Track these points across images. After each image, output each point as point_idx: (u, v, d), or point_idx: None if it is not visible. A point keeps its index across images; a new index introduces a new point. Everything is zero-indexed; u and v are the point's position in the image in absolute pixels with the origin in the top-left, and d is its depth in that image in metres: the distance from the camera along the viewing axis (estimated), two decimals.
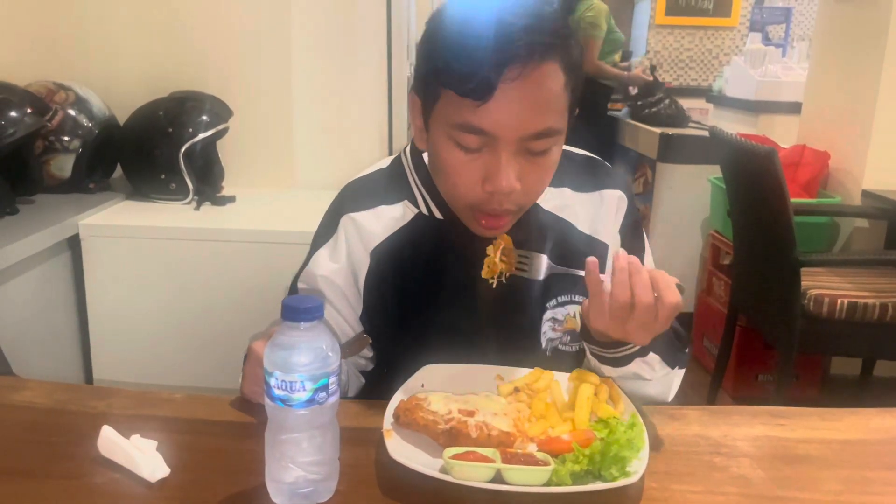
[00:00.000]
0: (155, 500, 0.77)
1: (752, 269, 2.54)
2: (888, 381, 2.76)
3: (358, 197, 1.09)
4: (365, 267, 1.05)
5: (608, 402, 0.92)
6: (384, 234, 1.05)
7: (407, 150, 1.11)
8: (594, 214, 1.10)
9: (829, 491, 0.81)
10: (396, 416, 0.87)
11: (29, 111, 1.91)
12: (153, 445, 0.82)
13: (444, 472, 0.78)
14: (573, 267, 0.92)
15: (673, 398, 1.06)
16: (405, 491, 0.78)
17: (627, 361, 0.94)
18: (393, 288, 1.05)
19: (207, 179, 2.20)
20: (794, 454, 0.89)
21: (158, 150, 2.06)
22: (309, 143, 2.37)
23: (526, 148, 0.91)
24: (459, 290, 1.05)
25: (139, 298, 1.93)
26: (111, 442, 0.82)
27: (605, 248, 1.09)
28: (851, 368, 2.81)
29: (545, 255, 0.96)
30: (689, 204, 3.47)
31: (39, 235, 1.77)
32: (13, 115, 1.87)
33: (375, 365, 1.10)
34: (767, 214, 2.26)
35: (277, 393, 0.72)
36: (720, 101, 4.56)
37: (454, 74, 0.88)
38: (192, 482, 0.80)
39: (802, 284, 2.22)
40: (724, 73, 4.63)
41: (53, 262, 1.88)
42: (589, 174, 1.12)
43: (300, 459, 0.74)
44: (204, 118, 2.09)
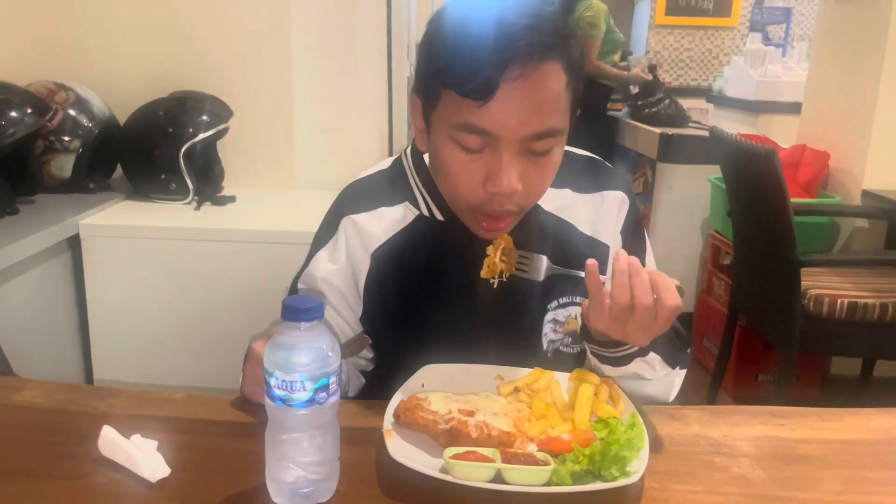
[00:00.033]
0: (155, 499, 0.77)
1: (752, 269, 2.54)
2: (888, 381, 2.76)
3: (358, 198, 1.08)
4: (365, 268, 1.05)
5: (608, 402, 0.92)
6: (385, 235, 1.05)
7: (408, 151, 1.10)
8: (595, 215, 1.10)
9: (829, 491, 0.81)
10: (396, 415, 0.87)
11: (29, 111, 1.91)
12: (154, 445, 0.82)
13: (444, 472, 0.78)
14: (574, 268, 0.92)
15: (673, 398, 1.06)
16: (405, 491, 0.78)
17: (627, 361, 0.94)
18: (393, 289, 1.05)
19: (208, 179, 2.20)
20: (794, 454, 0.89)
21: (159, 150, 2.07)
22: (309, 143, 2.37)
23: (527, 148, 0.91)
24: (460, 291, 1.05)
25: (139, 298, 1.94)
26: (112, 442, 0.82)
27: (606, 249, 1.08)
28: (851, 368, 2.81)
29: (545, 256, 0.95)
30: (689, 204, 3.47)
31: (40, 235, 1.77)
32: (13, 115, 1.87)
33: (376, 365, 1.10)
34: (767, 214, 2.26)
35: (278, 393, 0.73)
36: (720, 101, 4.56)
37: (455, 75, 0.88)
38: (192, 482, 0.80)
39: (802, 284, 2.22)
40: (724, 73, 4.63)
41: (54, 262, 1.89)
42: (590, 175, 1.12)
43: (300, 459, 0.74)
44: (204, 118, 2.09)
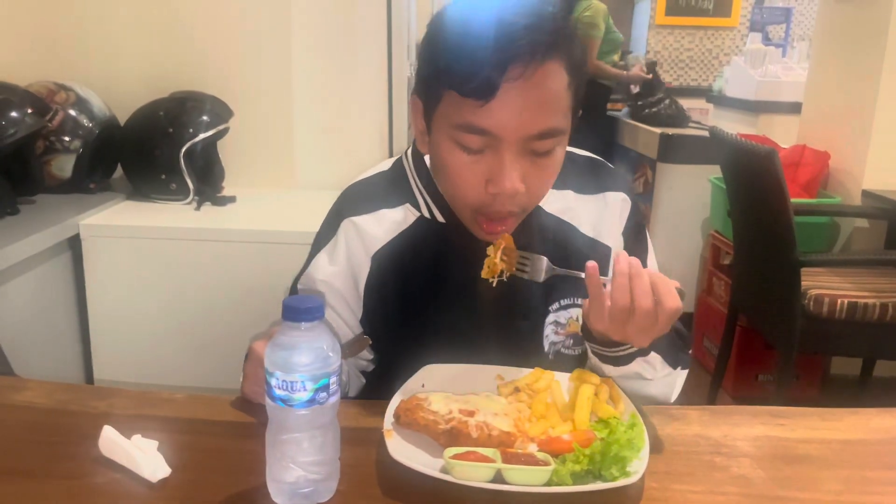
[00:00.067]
0: (156, 500, 0.77)
1: (752, 269, 2.54)
2: (888, 381, 2.76)
3: (359, 200, 1.08)
4: (365, 270, 1.04)
5: (608, 402, 0.92)
6: (385, 237, 1.04)
7: (408, 152, 1.10)
8: (597, 217, 1.10)
9: (829, 491, 0.81)
10: (397, 416, 0.87)
11: (30, 111, 1.91)
12: (154, 445, 0.82)
13: (444, 472, 0.78)
14: (576, 270, 0.91)
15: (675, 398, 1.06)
16: (406, 491, 0.78)
17: (628, 361, 0.94)
18: (394, 292, 1.04)
19: (208, 179, 2.20)
20: (794, 454, 0.89)
21: (159, 150, 2.07)
22: (309, 143, 2.37)
23: (529, 149, 0.91)
24: (461, 293, 1.05)
25: (140, 298, 1.94)
26: (112, 442, 0.82)
27: (607, 250, 1.08)
28: (851, 368, 2.81)
29: (545, 257, 0.95)
30: (689, 204, 3.47)
31: (40, 235, 1.77)
32: (14, 115, 1.87)
33: (376, 365, 1.10)
34: (768, 214, 2.26)
35: (278, 393, 0.73)
36: (720, 101, 4.56)
37: (456, 74, 0.88)
38: (193, 482, 0.80)
39: (802, 284, 2.22)
40: (724, 73, 4.63)
41: (54, 262, 1.89)
42: (592, 176, 1.12)
43: (301, 459, 0.74)
44: (204, 118, 2.09)
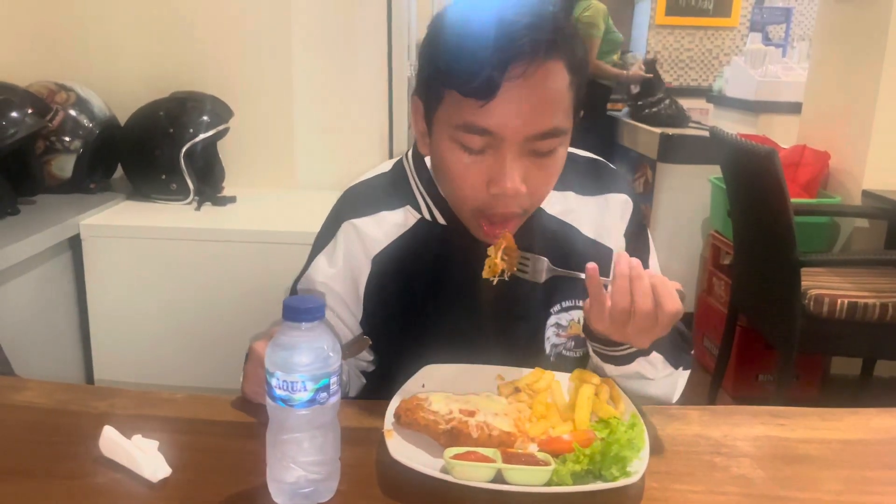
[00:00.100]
0: (156, 499, 0.77)
1: (752, 269, 2.54)
2: (888, 381, 2.76)
3: (359, 202, 1.07)
4: (365, 273, 1.04)
5: (609, 402, 0.92)
6: (386, 240, 1.04)
7: (409, 154, 1.09)
8: (599, 219, 1.09)
9: (829, 491, 0.81)
10: (397, 416, 0.87)
11: (30, 111, 1.91)
12: (155, 445, 0.82)
13: (444, 472, 0.78)
14: (577, 272, 0.90)
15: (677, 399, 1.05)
16: (406, 491, 0.78)
17: (629, 360, 0.94)
18: (395, 294, 1.04)
19: (208, 180, 2.20)
20: (794, 454, 0.89)
21: (159, 150, 2.07)
22: (309, 143, 2.37)
23: (531, 149, 0.90)
24: (462, 296, 1.04)
25: (140, 298, 1.94)
26: (113, 442, 0.82)
27: (609, 252, 1.07)
28: (852, 368, 2.81)
29: (546, 258, 0.95)
30: (689, 204, 3.47)
31: (40, 236, 1.77)
32: (14, 115, 1.87)
33: (376, 366, 1.10)
34: (768, 214, 2.26)
35: (279, 393, 0.73)
36: (720, 101, 4.56)
37: (457, 74, 0.87)
38: (193, 482, 0.80)
39: (802, 284, 2.22)
40: (724, 73, 4.62)
41: (54, 262, 1.89)
42: (593, 177, 1.11)
43: (301, 459, 0.74)
44: (204, 118, 2.09)
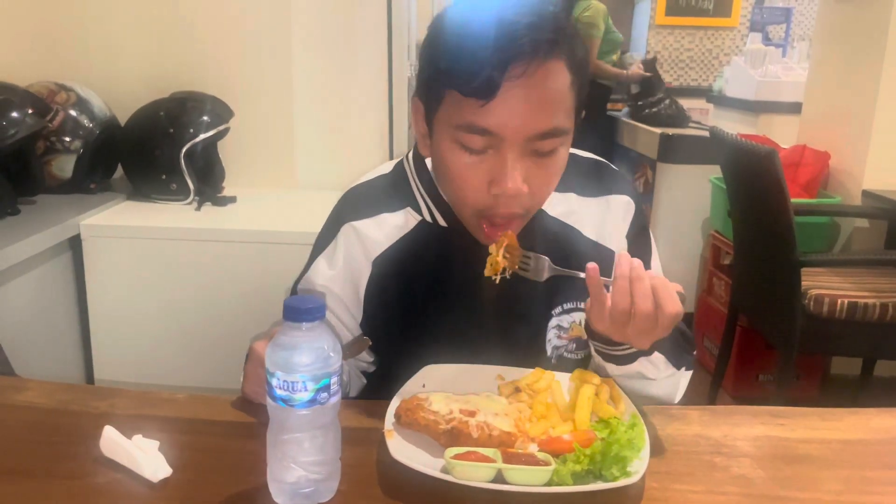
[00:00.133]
0: (157, 500, 0.77)
1: (752, 269, 2.54)
2: (888, 381, 2.76)
3: (359, 204, 1.07)
4: (366, 275, 1.04)
5: (609, 402, 0.92)
6: (387, 242, 1.04)
7: (409, 156, 1.09)
8: (600, 220, 1.09)
9: (829, 491, 0.81)
10: (398, 416, 0.87)
11: (30, 112, 1.91)
12: (155, 445, 0.82)
13: (445, 472, 0.78)
14: (578, 277, 0.90)
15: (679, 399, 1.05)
16: (406, 491, 0.78)
17: (631, 360, 0.93)
18: (395, 296, 1.04)
19: (208, 180, 2.20)
20: (794, 454, 0.89)
21: (159, 150, 2.07)
22: (309, 143, 2.37)
23: (532, 149, 0.90)
24: (463, 298, 1.04)
25: (140, 299, 1.94)
26: (113, 442, 0.82)
27: (611, 254, 1.07)
28: (852, 368, 2.81)
29: (547, 258, 0.94)
30: (689, 204, 3.47)
31: (41, 236, 1.77)
32: (14, 115, 1.87)
33: (377, 366, 1.10)
34: (768, 215, 2.26)
35: (279, 393, 0.73)
36: (720, 101, 4.56)
37: (458, 74, 0.87)
38: (193, 482, 0.80)
39: (803, 284, 2.22)
40: (724, 73, 4.62)
41: (54, 262, 1.89)
42: (595, 178, 1.11)
43: (302, 459, 0.74)
44: (205, 118, 2.09)
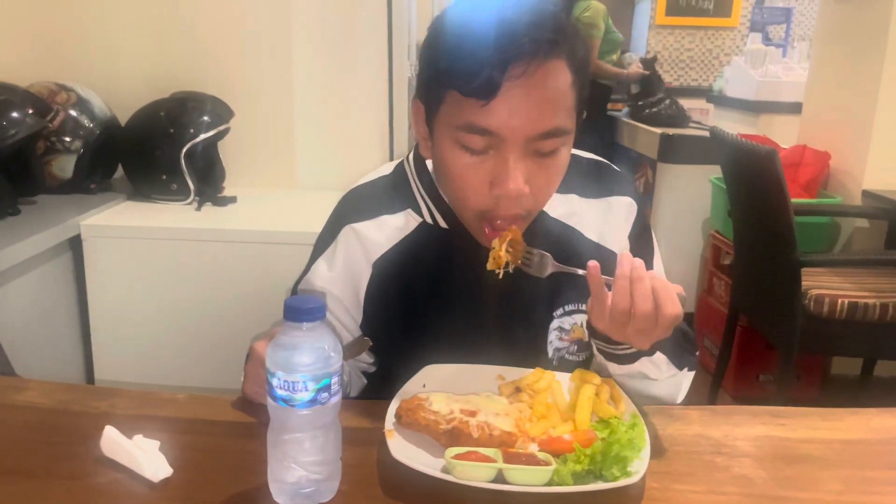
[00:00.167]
0: (157, 500, 0.77)
1: (752, 269, 2.54)
2: (889, 381, 2.76)
3: (359, 206, 1.06)
4: (366, 277, 1.03)
5: (609, 402, 0.92)
6: (387, 244, 1.03)
7: (410, 157, 1.09)
8: (602, 222, 1.08)
9: (830, 491, 0.81)
10: (398, 416, 0.87)
11: (30, 112, 1.91)
12: (156, 445, 0.82)
13: (445, 471, 0.78)
14: (580, 279, 0.89)
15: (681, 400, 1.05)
16: (407, 491, 0.78)
17: (633, 359, 0.93)
18: (396, 298, 1.03)
19: (208, 180, 2.20)
20: (795, 454, 0.89)
21: (160, 150, 2.07)
22: (310, 143, 2.37)
23: (534, 149, 0.90)
24: (464, 300, 1.04)
25: (141, 299, 1.94)
26: (114, 442, 0.82)
27: (613, 256, 1.06)
28: (852, 368, 2.81)
29: (550, 254, 0.94)
30: (689, 204, 3.47)
31: (41, 236, 1.77)
32: (15, 115, 1.87)
33: (377, 367, 1.10)
34: (768, 215, 2.26)
35: (280, 393, 0.73)
36: (721, 101, 4.56)
37: (458, 74, 0.87)
38: (194, 482, 0.80)
39: (803, 284, 2.22)
40: (724, 73, 4.63)
41: (55, 262, 1.89)
42: (596, 179, 1.10)
43: (302, 459, 0.74)
44: (205, 119, 2.09)
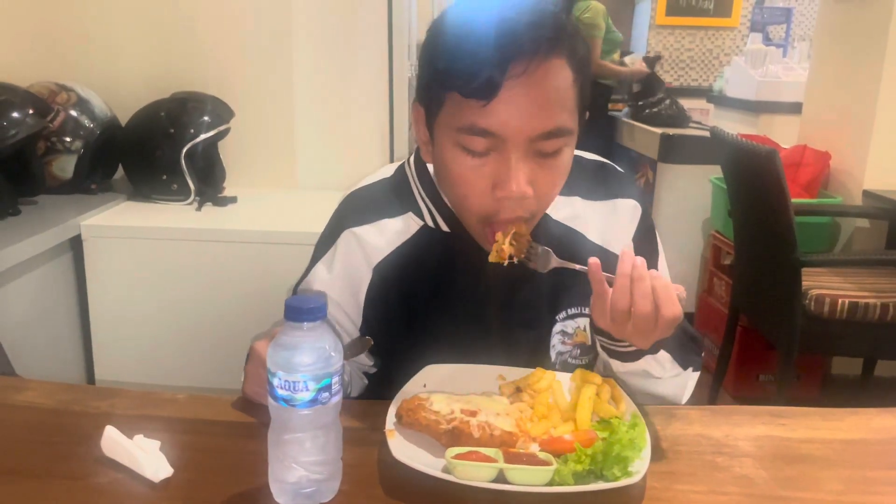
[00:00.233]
0: (158, 500, 0.77)
1: (753, 269, 2.54)
2: (889, 381, 2.76)
3: (360, 209, 1.06)
4: (366, 282, 1.03)
5: (610, 402, 0.92)
6: (388, 248, 1.02)
7: (411, 160, 1.08)
8: (606, 224, 1.07)
9: (830, 491, 0.81)
10: (399, 416, 0.87)
11: (31, 112, 1.91)
12: (156, 445, 0.82)
13: (446, 471, 0.78)
14: (582, 279, 0.89)
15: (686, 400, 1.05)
16: (408, 491, 0.78)
17: (636, 357, 0.93)
18: (397, 302, 1.03)
19: (209, 180, 2.20)
20: (795, 454, 0.89)
21: (160, 150, 2.07)
22: (310, 143, 2.37)
23: (536, 150, 0.89)
24: (466, 303, 1.03)
25: (141, 299, 1.94)
26: (114, 442, 0.82)
27: (616, 259, 1.06)
28: (852, 368, 2.81)
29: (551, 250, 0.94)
30: (690, 204, 3.47)
31: (41, 236, 1.78)
32: (15, 116, 1.87)
33: (378, 369, 1.09)
34: (768, 215, 2.26)
35: (280, 393, 0.73)
36: (721, 101, 4.56)
37: (458, 75, 0.86)
38: (195, 482, 0.80)
39: (803, 284, 2.22)
40: (724, 73, 4.62)
41: (55, 262, 1.89)
42: (600, 181, 1.10)
43: (303, 459, 0.74)
44: (205, 119, 2.09)
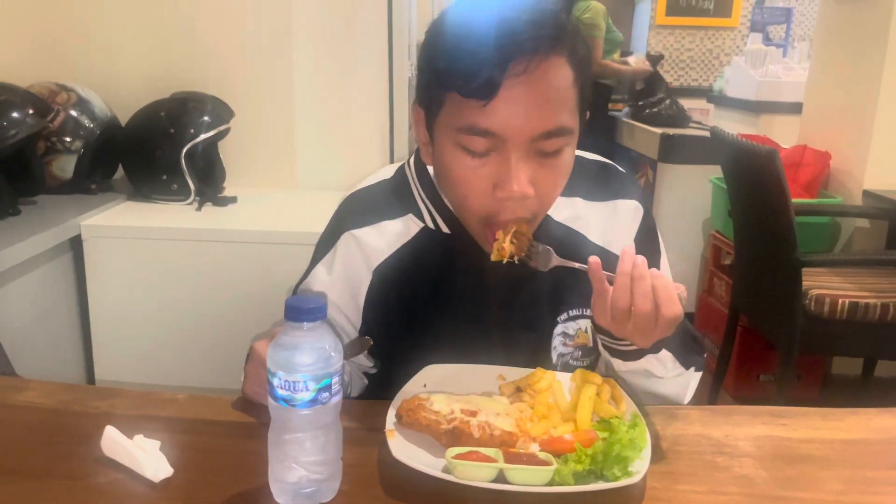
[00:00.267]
0: (158, 500, 0.77)
1: (753, 269, 2.54)
2: (889, 381, 2.76)
3: (360, 211, 1.05)
4: (366, 284, 1.02)
5: (610, 402, 0.92)
6: (388, 250, 1.02)
7: (411, 161, 1.07)
8: (607, 225, 1.07)
9: (831, 491, 0.81)
10: (399, 416, 0.87)
11: (31, 112, 1.91)
12: (156, 445, 0.82)
13: (446, 471, 0.78)
14: (583, 280, 0.88)
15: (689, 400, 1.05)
16: (408, 491, 0.78)
17: (637, 356, 0.93)
18: (397, 304, 1.02)
19: (209, 180, 2.20)
20: (796, 454, 0.89)
21: (160, 150, 2.07)
22: (310, 143, 2.37)
23: (536, 149, 0.88)
24: (467, 305, 1.03)
25: (141, 299, 1.94)
26: (114, 442, 0.82)
27: (617, 260, 1.07)
28: (853, 368, 2.81)
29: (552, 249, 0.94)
30: (690, 204, 3.47)
31: (41, 236, 1.78)
32: (15, 116, 1.87)
33: (378, 369, 1.09)
34: (768, 215, 2.26)
35: (281, 393, 0.73)
36: (721, 101, 4.56)
37: (457, 74, 0.86)
38: (195, 482, 0.80)
39: (803, 284, 2.22)
40: (724, 73, 4.63)
41: (55, 262, 1.89)
42: (601, 182, 1.09)
43: (303, 459, 0.74)
44: (205, 119, 2.09)
